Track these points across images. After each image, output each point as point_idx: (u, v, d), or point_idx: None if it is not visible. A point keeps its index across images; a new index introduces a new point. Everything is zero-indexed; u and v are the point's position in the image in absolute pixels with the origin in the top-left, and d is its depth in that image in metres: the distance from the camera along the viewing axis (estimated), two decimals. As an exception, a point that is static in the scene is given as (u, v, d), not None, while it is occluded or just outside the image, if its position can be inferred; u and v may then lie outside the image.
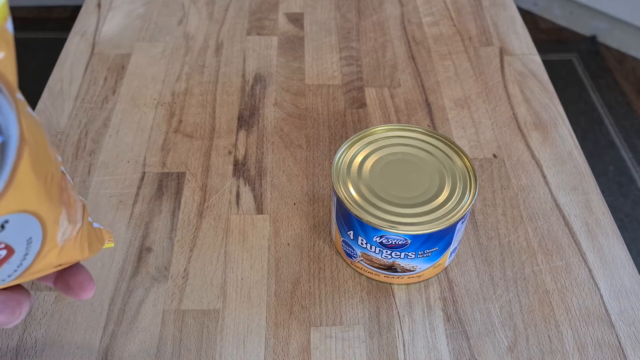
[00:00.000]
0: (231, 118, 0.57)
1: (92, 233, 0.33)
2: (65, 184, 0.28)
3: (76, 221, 0.30)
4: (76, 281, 0.33)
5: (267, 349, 0.40)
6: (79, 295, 0.33)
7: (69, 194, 0.29)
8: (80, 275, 0.33)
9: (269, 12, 0.70)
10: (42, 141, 0.25)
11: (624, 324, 0.42)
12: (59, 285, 0.34)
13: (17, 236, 0.27)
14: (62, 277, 0.33)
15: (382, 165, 0.43)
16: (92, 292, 0.33)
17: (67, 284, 0.33)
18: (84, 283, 0.33)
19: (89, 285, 0.33)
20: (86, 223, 0.32)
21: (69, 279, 0.33)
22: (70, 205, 0.29)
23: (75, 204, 0.30)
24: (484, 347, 0.41)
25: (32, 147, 0.24)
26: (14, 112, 0.22)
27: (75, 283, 0.33)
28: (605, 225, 0.48)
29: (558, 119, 0.57)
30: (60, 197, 0.28)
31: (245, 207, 0.49)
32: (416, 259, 0.41)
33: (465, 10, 0.71)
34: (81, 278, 0.33)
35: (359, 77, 0.62)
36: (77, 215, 0.30)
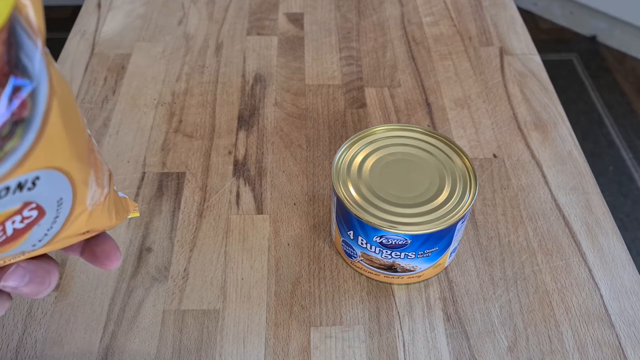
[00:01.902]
0: (231, 118, 0.57)
1: (118, 201, 0.32)
2: (92, 146, 0.28)
3: (104, 185, 0.29)
4: (103, 250, 0.32)
5: (267, 349, 0.40)
6: (105, 265, 0.32)
7: (96, 156, 0.28)
8: (107, 244, 0.33)
9: (269, 12, 0.70)
10: (69, 96, 0.24)
11: (624, 324, 0.42)
12: (86, 256, 0.33)
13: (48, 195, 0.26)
14: (88, 247, 0.33)
15: (382, 165, 0.43)
16: (118, 262, 0.33)
17: (93, 253, 0.32)
18: (110, 252, 0.32)
19: (115, 254, 0.32)
20: (112, 190, 0.31)
21: (95, 249, 0.32)
22: (98, 168, 0.28)
23: (102, 167, 0.29)
24: (484, 347, 0.41)
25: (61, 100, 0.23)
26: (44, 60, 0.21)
27: (102, 252, 0.32)
28: (605, 225, 0.48)
29: (558, 119, 0.57)
30: (88, 158, 0.27)
31: (245, 207, 0.49)
32: (416, 259, 0.41)
33: (465, 10, 0.71)
34: (108, 247, 0.33)
35: (359, 77, 0.62)
36: (105, 180, 0.30)
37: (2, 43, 0.18)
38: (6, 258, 0.28)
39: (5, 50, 0.19)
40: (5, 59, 0.19)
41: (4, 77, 0.19)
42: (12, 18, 0.19)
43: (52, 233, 0.28)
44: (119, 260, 0.33)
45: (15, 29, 0.19)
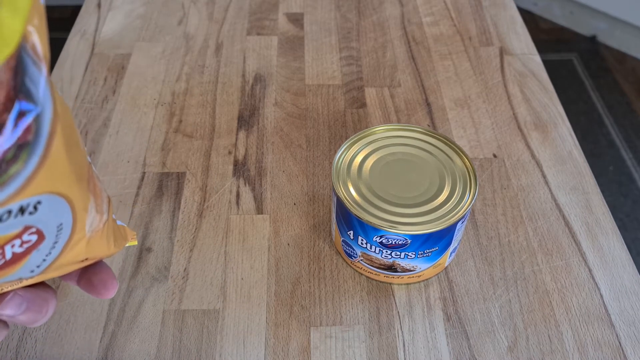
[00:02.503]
0: (231, 118, 0.57)
1: (117, 229, 0.33)
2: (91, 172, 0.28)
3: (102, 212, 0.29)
4: (100, 279, 0.32)
5: (267, 348, 0.40)
6: (102, 294, 0.33)
7: (96, 182, 0.28)
8: (104, 273, 0.33)
9: (269, 12, 0.70)
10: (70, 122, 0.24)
11: (624, 324, 0.42)
12: (82, 284, 0.33)
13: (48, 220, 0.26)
14: (85, 276, 0.33)
15: (382, 165, 0.43)
16: (114, 291, 0.33)
17: (90, 282, 0.33)
18: (107, 282, 0.33)
19: (112, 284, 0.33)
20: (111, 218, 0.31)
21: (92, 277, 0.32)
22: (97, 194, 0.28)
23: (102, 194, 0.29)
24: (484, 347, 0.41)
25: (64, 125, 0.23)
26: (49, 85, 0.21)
27: (98, 281, 0.32)
28: (605, 225, 0.48)
29: (558, 119, 0.57)
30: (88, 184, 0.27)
31: (245, 207, 0.49)
32: (416, 258, 0.41)
33: (465, 10, 0.71)
34: (105, 276, 0.33)
35: (359, 77, 0.62)
36: (104, 206, 0.29)
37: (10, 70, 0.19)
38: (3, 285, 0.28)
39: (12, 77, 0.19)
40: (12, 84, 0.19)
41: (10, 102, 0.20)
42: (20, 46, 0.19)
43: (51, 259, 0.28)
44: (115, 289, 0.33)
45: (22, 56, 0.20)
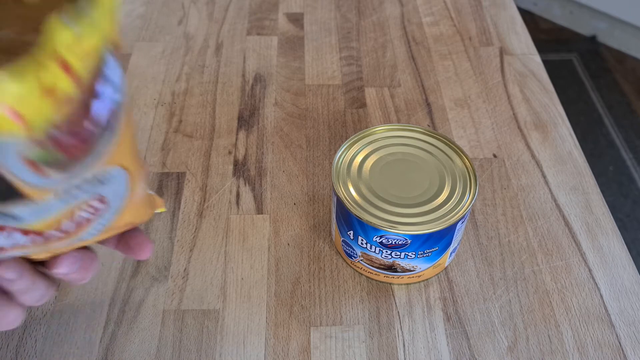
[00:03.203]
0: (231, 118, 0.57)
1: (149, 197, 0.36)
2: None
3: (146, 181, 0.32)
4: (136, 242, 0.36)
5: (267, 349, 0.40)
6: (139, 255, 0.36)
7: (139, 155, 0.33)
8: (140, 237, 0.36)
9: (269, 12, 0.70)
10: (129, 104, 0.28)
11: (624, 324, 0.42)
12: (120, 247, 0.36)
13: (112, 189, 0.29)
14: (122, 240, 0.36)
15: (382, 165, 0.43)
16: (150, 253, 0.36)
17: (127, 245, 0.36)
18: (143, 243, 0.36)
19: (147, 245, 0.36)
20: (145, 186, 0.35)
21: (129, 241, 0.36)
22: (142, 165, 0.32)
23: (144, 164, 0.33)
24: (484, 347, 0.41)
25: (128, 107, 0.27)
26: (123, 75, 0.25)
27: (135, 244, 0.36)
28: (605, 225, 0.48)
29: (558, 119, 0.57)
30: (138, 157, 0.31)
31: (245, 207, 0.49)
32: (416, 258, 0.41)
33: (465, 10, 0.71)
34: (140, 239, 0.36)
35: (359, 77, 0.62)
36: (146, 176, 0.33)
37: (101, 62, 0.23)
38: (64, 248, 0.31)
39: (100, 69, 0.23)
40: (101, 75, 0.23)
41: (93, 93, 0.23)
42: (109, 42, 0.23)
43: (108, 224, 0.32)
44: (150, 252, 0.36)
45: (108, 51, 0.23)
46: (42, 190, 0.24)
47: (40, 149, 0.22)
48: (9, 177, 0.22)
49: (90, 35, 0.20)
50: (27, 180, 0.23)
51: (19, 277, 0.31)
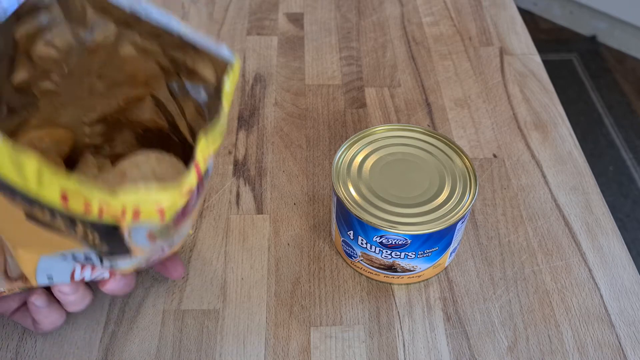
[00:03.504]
0: (231, 118, 0.57)
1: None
2: None
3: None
4: (172, 263, 0.41)
5: (267, 349, 0.40)
6: (172, 275, 0.41)
7: None
8: (175, 259, 0.41)
9: (269, 12, 0.70)
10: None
11: (624, 324, 0.42)
12: (157, 267, 0.41)
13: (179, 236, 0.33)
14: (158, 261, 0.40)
15: (382, 165, 0.43)
16: (182, 274, 0.42)
17: (163, 265, 0.41)
18: (177, 265, 0.41)
19: (181, 266, 0.41)
20: None
21: (165, 262, 0.41)
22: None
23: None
24: (484, 347, 0.41)
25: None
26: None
27: (170, 264, 0.41)
28: (605, 225, 0.48)
29: (558, 119, 0.57)
30: None
31: (245, 207, 0.49)
32: (416, 258, 0.41)
33: (465, 10, 0.71)
34: (176, 261, 0.41)
35: (359, 77, 0.62)
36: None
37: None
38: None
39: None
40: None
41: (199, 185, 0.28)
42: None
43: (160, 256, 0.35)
44: (183, 272, 0.42)
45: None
46: (144, 250, 0.29)
47: (161, 226, 0.27)
48: (131, 245, 0.27)
49: (215, 145, 0.26)
50: (142, 246, 0.28)
51: (74, 292, 0.36)
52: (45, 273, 0.32)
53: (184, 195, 0.25)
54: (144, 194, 0.23)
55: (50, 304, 0.37)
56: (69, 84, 0.33)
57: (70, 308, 0.38)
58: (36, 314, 0.37)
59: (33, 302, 0.36)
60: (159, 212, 0.24)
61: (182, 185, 0.25)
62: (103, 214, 0.23)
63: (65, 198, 0.22)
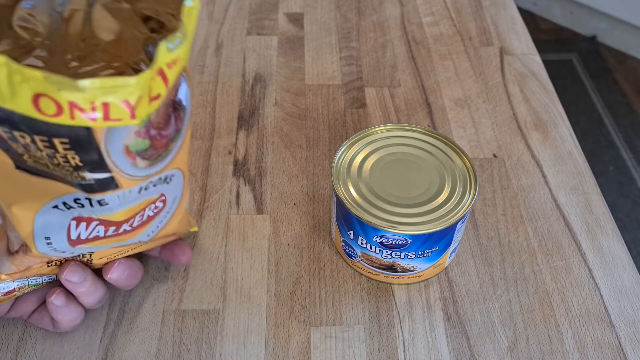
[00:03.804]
0: (231, 118, 0.57)
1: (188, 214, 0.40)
2: None
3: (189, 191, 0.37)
4: (179, 247, 0.41)
5: (267, 349, 0.40)
6: (181, 259, 0.41)
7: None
8: (181, 243, 0.41)
9: (269, 12, 0.70)
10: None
11: (624, 324, 0.42)
12: (164, 254, 0.42)
13: (172, 191, 0.34)
14: (166, 247, 0.41)
15: (382, 165, 0.43)
16: (191, 257, 0.42)
17: (171, 251, 0.41)
18: (185, 248, 0.41)
19: (188, 250, 0.41)
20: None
21: (172, 248, 0.41)
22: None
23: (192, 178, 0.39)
24: (484, 347, 0.41)
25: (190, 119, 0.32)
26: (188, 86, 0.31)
27: (178, 249, 0.41)
28: (605, 225, 0.48)
29: (558, 119, 0.57)
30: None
31: (245, 207, 0.49)
32: (416, 258, 0.41)
33: (465, 10, 0.71)
34: (182, 245, 0.41)
35: (359, 77, 0.62)
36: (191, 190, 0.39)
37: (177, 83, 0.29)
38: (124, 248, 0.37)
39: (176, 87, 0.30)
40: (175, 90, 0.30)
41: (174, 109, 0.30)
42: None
43: (160, 227, 0.36)
44: (191, 255, 0.42)
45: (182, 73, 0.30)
46: (131, 179, 0.30)
47: (136, 138, 0.28)
48: (111, 165, 0.28)
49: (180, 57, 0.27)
50: (122, 167, 0.28)
51: (82, 281, 0.36)
52: (43, 235, 0.32)
53: (149, 95, 0.26)
54: (108, 81, 0.24)
55: (69, 302, 0.38)
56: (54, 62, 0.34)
57: (85, 301, 0.38)
58: (56, 314, 0.37)
59: (52, 301, 0.37)
60: (128, 107, 0.25)
61: (144, 77, 0.25)
62: (74, 113, 0.24)
63: (36, 101, 0.23)
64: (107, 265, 0.38)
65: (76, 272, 0.36)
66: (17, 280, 0.36)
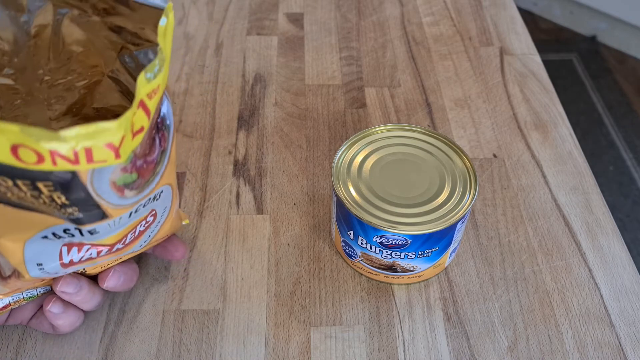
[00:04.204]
0: (231, 118, 0.57)
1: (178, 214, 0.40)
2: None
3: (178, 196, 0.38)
4: (172, 244, 0.41)
5: (267, 349, 0.40)
6: (175, 255, 0.41)
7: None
8: (175, 240, 0.41)
9: (269, 12, 0.70)
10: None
11: (624, 324, 0.42)
12: (158, 252, 0.42)
13: (162, 205, 0.35)
14: (159, 245, 0.41)
15: (382, 165, 0.43)
16: (185, 252, 0.42)
17: (165, 248, 0.41)
18: (178, 244, 0.41)
19: (182, 246, 0.41)
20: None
21: (166, 245, 0.41)
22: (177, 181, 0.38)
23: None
24: (484, 347, 0.41)
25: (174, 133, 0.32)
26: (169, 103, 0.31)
27: (171, 246, 0.41)
28: (605, 225, 0.48)
29: (558, 119, 0.57)
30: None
31: (245, 207, 0.49)
32: (416, 259, 0.41)
33: (465, 10, 0.71)
34: (176, 241, 0.41)
35: (359, 77, 0.62)
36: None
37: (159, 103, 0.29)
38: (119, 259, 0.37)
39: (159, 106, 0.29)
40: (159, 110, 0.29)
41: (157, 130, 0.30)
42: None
43: (152, 236, 0.37)
44: (185, 250, 0.42)
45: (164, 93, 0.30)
46: (120, 208, 0.29)
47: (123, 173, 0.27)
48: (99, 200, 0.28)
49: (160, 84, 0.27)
50: (110, 201, 0.28)
51: (78, 290, 0.36)
52: (35, 262, 0.32)
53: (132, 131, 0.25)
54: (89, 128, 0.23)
55: (67, 308, 0.37)
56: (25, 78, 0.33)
57: (83, 307, 0.38)
58: (55, 320, 0.37)
59: (49, 310, 0.37)
60: (111, 149, 0.24)
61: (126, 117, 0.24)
62: (56, 160, 0.24)
63: (15, 151, 0.23)
64: (102, 274, 0.38)
65: (71, 283, 0.36)
66: (12, 296, 0.36)
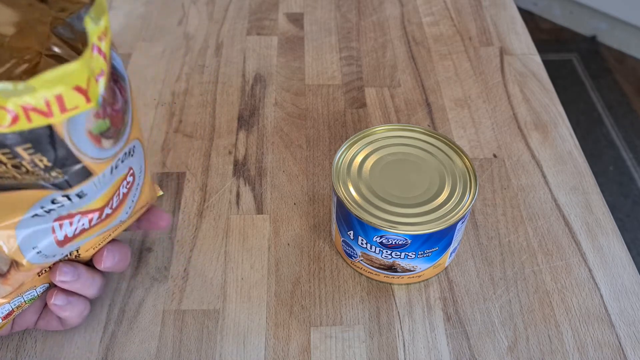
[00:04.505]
0: (231, 118, 0.57)
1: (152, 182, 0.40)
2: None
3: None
4: (155, 215, 0.41)
5: (267, 349, 0.40)
6: (160, 225, 0.41)
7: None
8: (157, 210, 0.41)
9: (269, 12, 0.70)
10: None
11: (624, 324, 0.42)
12: (143, 224, 0.41)
13: (137, 162, 0.35)
14: (143, 218, 0.41)
15: (382, 165, 0.43)
16: (169, 220, 0.41)
17: (149, 220, 0.41)
18: (161, 214, 0.41)
19: (165, 214, 0.41)
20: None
21: (149, 217, 0.41)
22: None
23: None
24: (484, 347, 0.41)
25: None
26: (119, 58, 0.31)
27: (154, 216, 0.41)
28: (605, 225, 0.48)
29: (558, 119, 0.57)
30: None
31: (245, 207, 0.49)
32: (416, 259, 0.41)
33: (465, 10, 0.71)
34: (158, 212, 0.41)
35: (359, 77, 0.62)
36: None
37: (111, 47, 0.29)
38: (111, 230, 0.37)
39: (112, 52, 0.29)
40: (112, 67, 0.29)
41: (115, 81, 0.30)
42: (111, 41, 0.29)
43: (135, 201, 0.37)
44: (169, 219, 0.41)
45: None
46: (101, 162, 0.29)
47: (96, 120, 0.27)
48: (79, 155, 0.28)
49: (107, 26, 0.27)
50: (90, 154, 0.28)
51: (77, 277, 0.36)
52: (30, 245, 0.32)
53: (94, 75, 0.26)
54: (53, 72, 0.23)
55: (71, 298, 0.37)
56: None
57: (86, 293, 0.38)
58: (61, 312, 0.37)
59: (53, 303, 0.36)
60: (81, 92, 0.25)
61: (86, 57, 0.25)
62: (30, 116, 0.24)
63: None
64: (96, 256, 0.38)
65: (68, 272, 0.36)
66: (13, 301, 0.36)
